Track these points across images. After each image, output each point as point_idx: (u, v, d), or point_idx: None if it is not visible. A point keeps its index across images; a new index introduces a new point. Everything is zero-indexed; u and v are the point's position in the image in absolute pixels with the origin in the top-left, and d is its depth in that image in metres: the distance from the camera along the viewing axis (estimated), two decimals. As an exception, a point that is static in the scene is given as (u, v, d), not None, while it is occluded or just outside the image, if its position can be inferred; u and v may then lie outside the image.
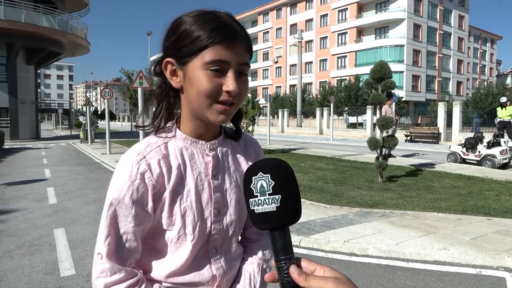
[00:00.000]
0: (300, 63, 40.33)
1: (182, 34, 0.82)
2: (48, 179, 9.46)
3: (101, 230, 0.84)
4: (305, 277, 0.57)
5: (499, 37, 71.18)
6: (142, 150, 0.87)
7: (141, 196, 0.84)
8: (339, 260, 3.99)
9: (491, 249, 4.07)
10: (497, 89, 34.15)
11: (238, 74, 0.83)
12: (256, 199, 0.62)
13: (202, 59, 0.80)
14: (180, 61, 0.83)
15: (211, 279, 0.93)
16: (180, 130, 0.91)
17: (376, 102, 7.80)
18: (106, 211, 0.84)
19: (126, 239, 0.84)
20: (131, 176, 0.84)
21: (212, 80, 0.80)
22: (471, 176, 8.85)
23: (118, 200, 0.83)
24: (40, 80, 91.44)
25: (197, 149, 0.92)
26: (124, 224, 0.84)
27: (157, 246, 0.91)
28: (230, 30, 0.81)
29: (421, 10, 46.17)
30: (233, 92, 0.81)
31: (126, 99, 35.59)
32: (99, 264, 0.83)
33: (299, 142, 21.72)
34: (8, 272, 3.75)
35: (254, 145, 1.05)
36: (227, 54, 0.80)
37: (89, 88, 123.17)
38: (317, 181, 8.28)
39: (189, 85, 0.83)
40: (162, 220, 0.87)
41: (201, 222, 0.89)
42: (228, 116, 0.85)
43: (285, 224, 0.62)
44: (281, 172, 0.63)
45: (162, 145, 0.89)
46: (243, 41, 0.83)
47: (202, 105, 0.83)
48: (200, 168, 0.91)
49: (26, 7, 23.03)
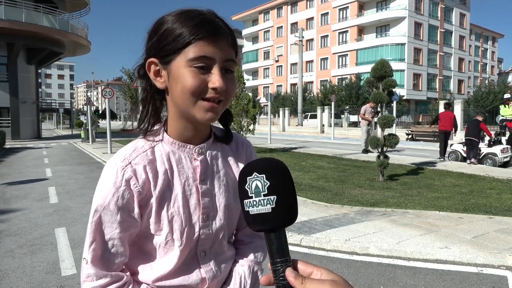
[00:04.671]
0: (301, 62, 40.27)
1: (164, 32, 0.81)
2: (49, 178, 9.47)
3: (87, 236, 0.84)
4: (302, 280, 0.56)
5: (500, 35, 71.01)
6: (128, 156, 0.85)
7: (126, 203, 0.83)
8: (340, 259, 3.99)
9: (493, 247, 4.06)
10: (498, 88, 34.11)
11: (224, 71, 0.82)
12: (251, 200, 0.61)
13: (186, 56, 0.78)
14: (164, 60, 0.82)
15: (200, 282, 0.92)
16: (168, 134, 0.90)
17: (377, 101, 7.79)
18: (92, 217, 0.83)
19: (112, 244, 0.84)
20: (116, 182, 0.83)
21: (197, 76, 0.79)
22: (472, 175, 8.84)
23: (103, 207, 0.83)
24: (41, 79, 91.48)
25: (185, 153, 0.90)
26: (109, 230, 0.83)
27: (145, 249, 0.90)
28: (213, 25, 0.80)
29: (422, 8, 46.07)
30: (219, 89, 0.79)
31: (127, 98, 35.66)
32: (85, 269, 0.83)
33: (300, 141, 21.71)
34: (9, 271, 3.75)
35: (246, 147, 1.03)
36: (211, 50, 0.79)
37: (90, 88, 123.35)
38: (318, 180, 8.27)
39: (173, 84, 0.82)
40: (150, 226, 0.86)
41: (189, 228, 0.88)
42: (216, 114, 0.83)
43: (280, 226, 0.60)
44: (276, 172, 0.61)
45: (149, 149, 0.87)
46: (227, 37, 0.82)
47: (187, 103, 0.81)
48: (188, 173, 0.89)
49: (27, 7, 23.04)
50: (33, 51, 25.57)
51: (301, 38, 39.06)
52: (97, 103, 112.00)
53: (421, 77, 46.97)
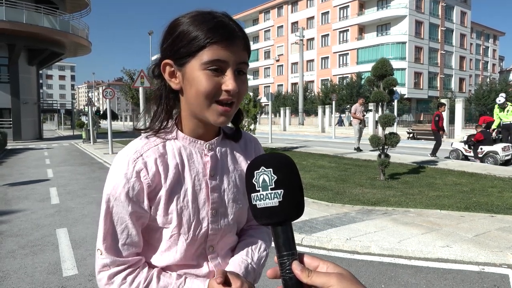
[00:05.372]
0: (302, 61, 40.26)
1: (179, 35, 0.82)
2: (50, 179, 9.49)
3: (100, 227, 0.86)
4: (308, 273, 0.56)
5: (501, 33, 70.85)
6: (140, 148, 0.87)
7: (136, 194, 0.84)
8: (341, 258, 3.99)
9: (494, 246, 4.05)
10: (499, 86, 33.99)
11: (237, 73, 0.83)
12: (258, 194, 0.62)
13: (200, 60, 0.80)
14: (179, 62, 0.84)
15: (208, 274, 0.94)
16: (180, 130, 0.92)
17: (378, 100, 7.78)
18: (103, 209, 0.85)
19: (126, 234, 0.86)
20: (127, 173, 0.84)
21: (211, 79, 0.80)
22: (473, 173, 8.82)
23: (114, 198, 0.84)
24: (42, 80, 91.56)
25: (196, 149, 0.92)
26: (122, 220, 0.85)
27: (151, 242, 0.92)
28: (227, 29, 0.81)
29: (423, 7, 46.00)
30: (232, 91, 0.81)
31: (128, 99, 35.62)
32: (100, 260, 0.85)
33: (301, 141, 21.70)
34: (11, 272, 3.76)
35: (255, 144, 1.05)
36: (225, 54, 0.80)
37: (91, 88, 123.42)
38: (319, 179, 8.27)
39: (188, 86, 0.84)
40: (157, 218, 0.87)
41: (197, 222, 0.89)
42: (228, 117, 0.86)
43: (287, 219, 0.61)
44: (283, 167, 0.62)
45: (160, 143, 0.89)
46: (240, 40, 0.83)
47: (201, 106, 0.83)
48: (198, 168, 0.91)
49: (27, 8, 23.07)
50: (34, 52, 25.60)
51: (301, 37, 39.06)
52: (98, 104, 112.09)
53: (422, 75, 46.89)
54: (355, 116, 13.68)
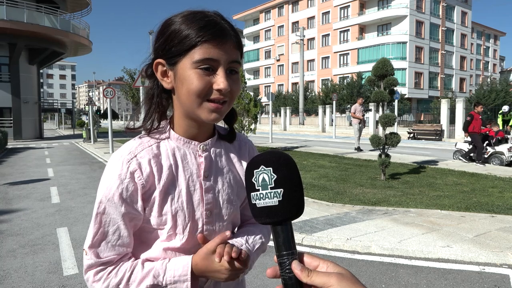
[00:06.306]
0: (302, 61, 40.25)
1: (171, 34, 0.82)
2: (51, 178, 9.49)
3: (90, 227, 0.86)
4: (308, 272, 0.56)
5: (502, 33, 70.75)
6: (134, 149, 0.87)
7: (130, 195, 0.84)
8: (341, 258, 3.99)
9: (495, 246, 4.05)
10: (500, 86, 33.93)
11: (228, 72, 0.83)
12: (258, 193, 0.61)
13: (192, 58, 0.80)
14: (170, 62, 0.84)
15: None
16: (173, 131, 0.91)
17: (378, 100, 7.77)
18: (96, 209, 0.85)
19: (117, 235, 0.85)
20: (120, 174, 0.84)
21: (202, 78, 0.80)
22: (474, 173, 8.82)
23: (107, 198, 0.84)
24: (43, 80, 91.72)
25: (190, 149, 0.91)
26: (114, 222, 0.85)
27: (147, 243, 0.92)
28: (218, 28, 0.81)
29: (424, 7, 45.93)
30: (224, 90, 0.81)
31: (129, 98, 35.64)
32: (86, 260, 0.86)
33: (301, 140, 21.70)
34: (11, 271, 3.76)
35: (249, 147, 1.05)
36: (216, 52, 0.80)
37: (92, 88, 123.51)
38: (320, 179, 8.27)
39: (179, 85, 0.83)
40: (151, 219, 0.87)
41: (192, 223, 0.89)
42: (220, 114, 0.85)
43: (287, 219, 0.61)
44: (283, 166, 0.62)
45: (154, 144, 0.89)
46: (232, 39, 0.83)
47: (193, 104, 0.83)
48: (192, 169, 0.90)
49: (28, 7, 23.08)
50: (34, 51, 25.63)
51: (302, 37, 39.05)
52: (99, 103, 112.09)
53: (422, 75, 46.84)
54: (355, 116, 13.75)
